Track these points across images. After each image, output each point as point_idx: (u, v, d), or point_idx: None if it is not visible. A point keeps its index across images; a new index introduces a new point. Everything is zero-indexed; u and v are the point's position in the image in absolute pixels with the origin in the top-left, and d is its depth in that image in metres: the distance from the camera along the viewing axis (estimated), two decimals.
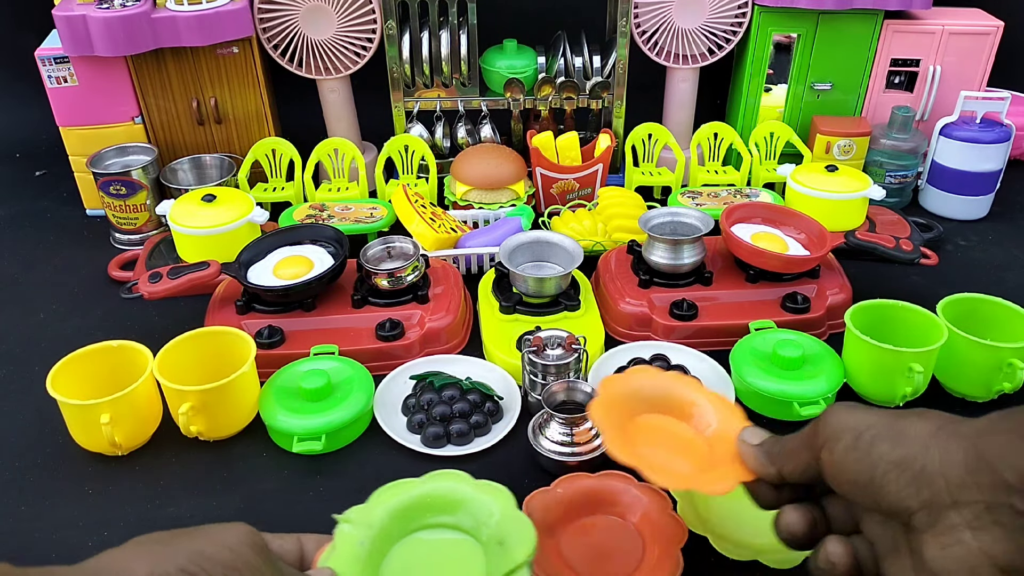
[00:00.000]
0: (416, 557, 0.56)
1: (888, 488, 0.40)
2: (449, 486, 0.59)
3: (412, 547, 0.56)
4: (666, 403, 0.64)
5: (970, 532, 0.37)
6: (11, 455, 0.79)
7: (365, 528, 0.55)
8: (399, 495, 0.58)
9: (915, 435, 0.41)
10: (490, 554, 0.55)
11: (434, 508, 0.58)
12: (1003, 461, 0.37)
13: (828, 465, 0.44)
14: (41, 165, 1.37)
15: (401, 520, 0.57)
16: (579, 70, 1.22)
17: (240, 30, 1.11)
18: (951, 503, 0.38)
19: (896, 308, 0.85)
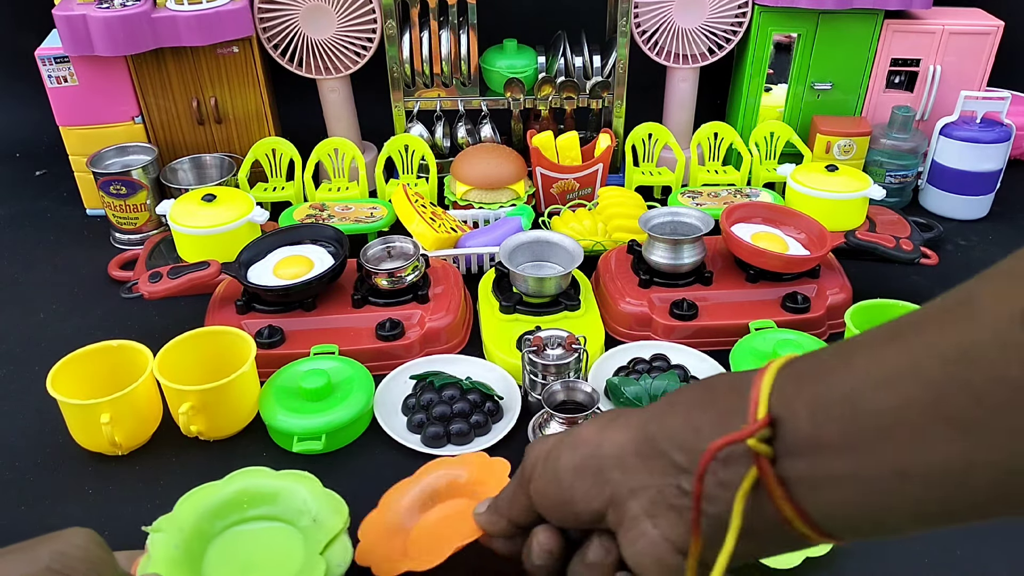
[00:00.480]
0: (234, 549, 0.60)
1: (576, 496, 0.39)
2: (255, 481, 0.63)
3: (229, 541, 0.60)
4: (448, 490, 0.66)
5: (649, 520, 0.36)
6: (11, 455, 0.79)
7: (176, 532, 0.59)
8: (206, 497, 0.61)
9: (587, 436, 0.40)
10: (307, 533, 0.60)
11: (245, 504, 0.62)
12: (669, 441, 0.36)
13: (537, 500, 0.43)
14: (41, 165, 1.37)
15: (213, 519, 0.61)
16: (579, 70, 1.22)
17: (240, 30, 1.11)
18: (628, 493, 0.37)
19: (896, 308, 0.85)
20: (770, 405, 0.33)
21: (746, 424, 0.33)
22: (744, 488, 0.33)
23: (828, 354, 0.33)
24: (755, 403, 0.33)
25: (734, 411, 0.34)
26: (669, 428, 0.37)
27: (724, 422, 0.35)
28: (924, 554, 0.68)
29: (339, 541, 0.59)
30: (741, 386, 0.35)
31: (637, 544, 0.37)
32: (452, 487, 0.70)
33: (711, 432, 0.34)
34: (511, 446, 0.79)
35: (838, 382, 0.31)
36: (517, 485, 0.45)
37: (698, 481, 0.34)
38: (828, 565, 0.66)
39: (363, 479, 0.73)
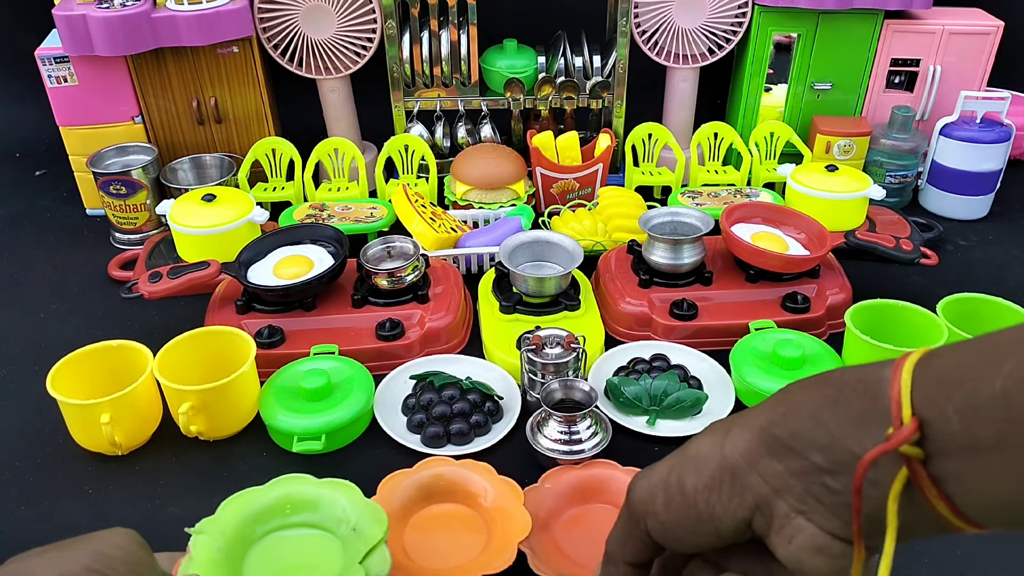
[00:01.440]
0: (274, 554, 0.60)
1: (716, 513, 0.39)
2: (297, 488, 0.63)
3: (269, 546, 0.60)
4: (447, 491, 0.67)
5: (803, 517, 0.37)
6: (11, 455, 0.79)
7: (219, 535, 0.58)
8: (249, 501, 0.61)
9: (706, 451, 0.40)
10: (346, 542, 0.59)
11: (287, 510, 0.62)
12: (802, 442, 0.36)
13: (659, 533, 0.42)
14: (41, 165, 1.37)
15: (254, 524, 0.61)
16: (579, 70, 1.22)
17: (240, 30, 1.11)
18: (773, 493, 0.37)
19: (896, 308, 0.85)
20: (914, 407, 0.33)
21: (890, 426, 0.34)
22: (896, 490, 0.34)
23: (969, 353, 0.33)
24: (897, 404, 0.33)
25: (869, 412, 0.35)
26: (797, 430, 0.37)
27: (861, 424, 0.35)
28: (924, 553, 0.68)
29: (378, 551, 0.58)
30: (873, 385, 0.35)
31: (796, 539, 0.37)
32: (447, 488, 0.71)
33: (848, 434, 0.35)
34: (511, 446, 0.79)
35: (987, 384, 0.32)
36: (627, 528, 0.44)
37: (856, 495, 0.34)
38: None
39: (363, 479, 0.73)
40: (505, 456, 0.78)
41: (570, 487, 0.72)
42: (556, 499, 0.71)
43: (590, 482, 0.72)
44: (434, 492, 0.71)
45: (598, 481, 0.72)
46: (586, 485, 0.72)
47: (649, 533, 0.42)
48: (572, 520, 0.70)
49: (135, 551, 0.43)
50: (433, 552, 0.67)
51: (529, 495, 0.70)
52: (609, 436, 0.76)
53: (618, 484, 0.72)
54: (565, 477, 0.72)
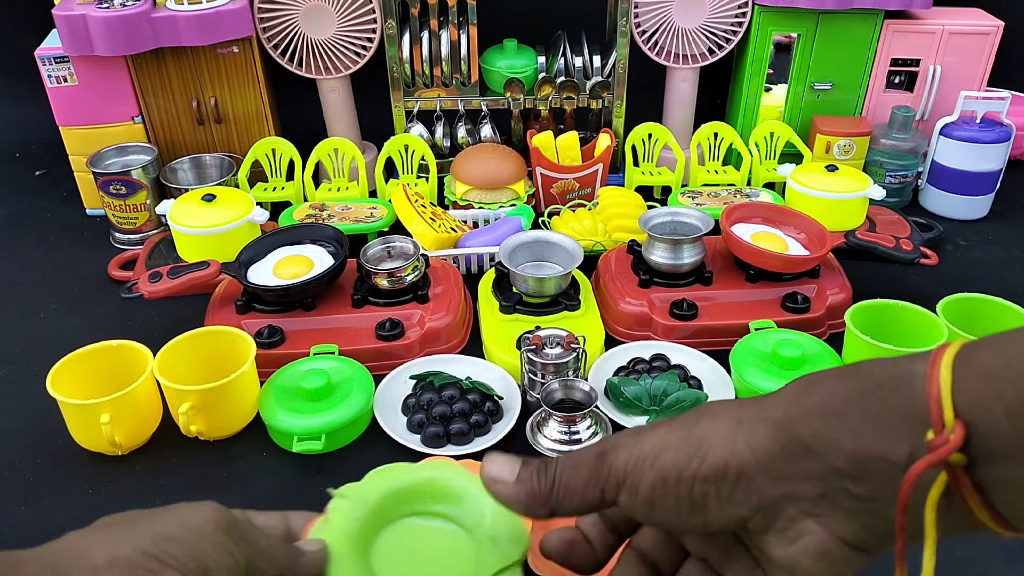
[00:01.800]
0: (408, 540, 0.55)
1: (711, 507, 0.36)
2: (447, 476, 0.58)
3: (404, 530, 0.56)
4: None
5: (812, 520, 0.34)
6: (11, 455, 0.79)
7: (360, 504, 0.54)
8: (396, 478, 0.57)
9: (717, 440, 0.36)
10: (482, 549, 0.54)
11: (430, 496, 0.57)
12: (824, 445, 0.33)
13: (634, 508, 0.38)
14: (41, 165, 1.37)
15: (396, 502, 0.56)
16: (579, 70, 1.22)
17: (240, 30, 1.11)
18: (782, 496, 0.35)
19: (896, 308, 0.85)
20: (956, 408, 0.30)
21: (928, 430, 0.31)
22: (934, 498, 0.31)
23: (1018, 348, 0.31)
24: (937, 404, 0.31)
25: (903, 413, 0.32)
26: (819, 428, 0.34)
27: (893, 426, 0.32)
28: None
29: (512, 572, 0.52)
30: (906, 381, 0.32)
31: (800, 542, 0.35)
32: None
33: (877, 437, 0.32)
34: (511, 446, 0.79)
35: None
36: (587, 482, 0.39)
37: (901, 512, 0.32)
38: None
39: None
40: None
41: None
42: None
43: None
44: None
45: None
46: None
47: (615, 502, 0.38)
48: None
49: (209, 535, 0.40)
50: None
51: None
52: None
53: None
54: None
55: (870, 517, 0.33)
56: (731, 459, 0.35)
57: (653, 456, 0.37)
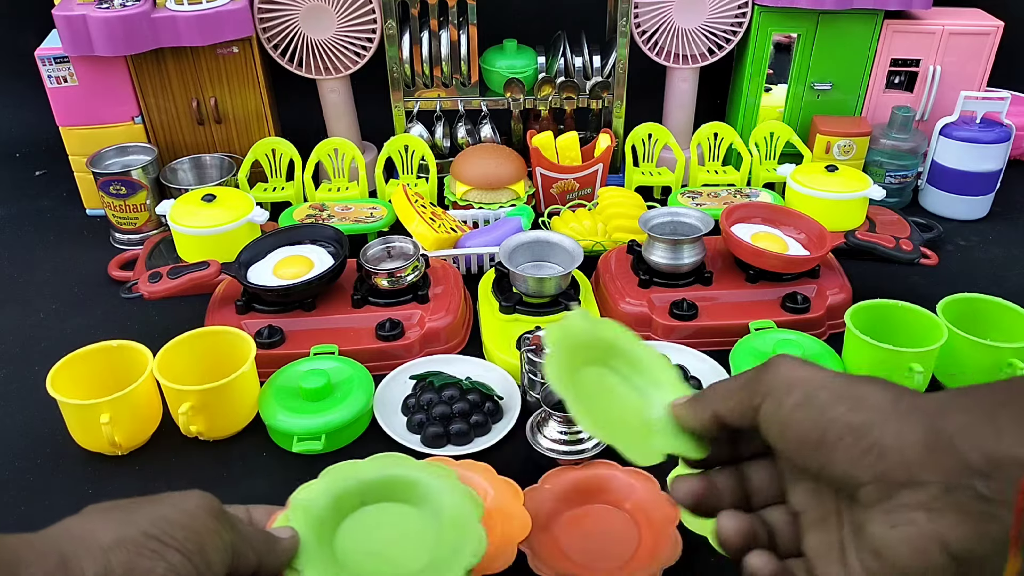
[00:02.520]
0: (369, 526, 0.58)
1: (838, 454, 0.37)
2: (402, 469, 0.62)
3: (365, 517, 0.58)
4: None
5: (925, 513, 0.35)
6: (11, 455, 0.79)
7: (322, 496, 0.57)
8: (352, 474, 0.60)
9: (875, 403, 0.37)
10: (442, 530, 0.57)
11: (389, 487, 0.60)
12: (966, 441, 0.34)
13: (771, 419, 0.40)
14: (41, 165, 1.37)
15: (356, 495, 0.59)
16: (579, 70, 1.22)
17: (240, 30, 1.11)
18: (906, 481, 0.35)
19: (896, 308, 0.85)
20: None
21: None
22: None
23: None
24: None
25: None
26: (966, 425, 0.35)
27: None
28: None
29: (473, 531, 0.56)
30: None
31: (901, 529, 0.35)
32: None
33: (1017, 440, 0.33)
34: (511, 446, 0.79)
35: None
36: (742, 387, 0.42)
37: (1018, 517, 0.33)
38: None
39: None
40: (505, 456, 0.78)
41: (570, 487, 0.72)
42: (556, 499, 0.70)
43: (590, 482, 0.72)
44: None
45: (598, 481, 0.72)
46: (586, 485, 0.72)
47: (757, 411, 0.41)
48: (572, 520, 0.70)
49: (202, 519, 0.42)
50: None
51: (529, 495, 0.70)
52: None
53: (618, 484, 0.72)
54: (565, 477, 0.72)
55: (986, 522, 0.34)
56: (878, 424, 0.36)
57: (809, 384, 0.39)
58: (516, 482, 0.71)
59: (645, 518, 0.69)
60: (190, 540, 0.40)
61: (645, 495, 0.70)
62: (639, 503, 0.70)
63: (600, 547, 0.67)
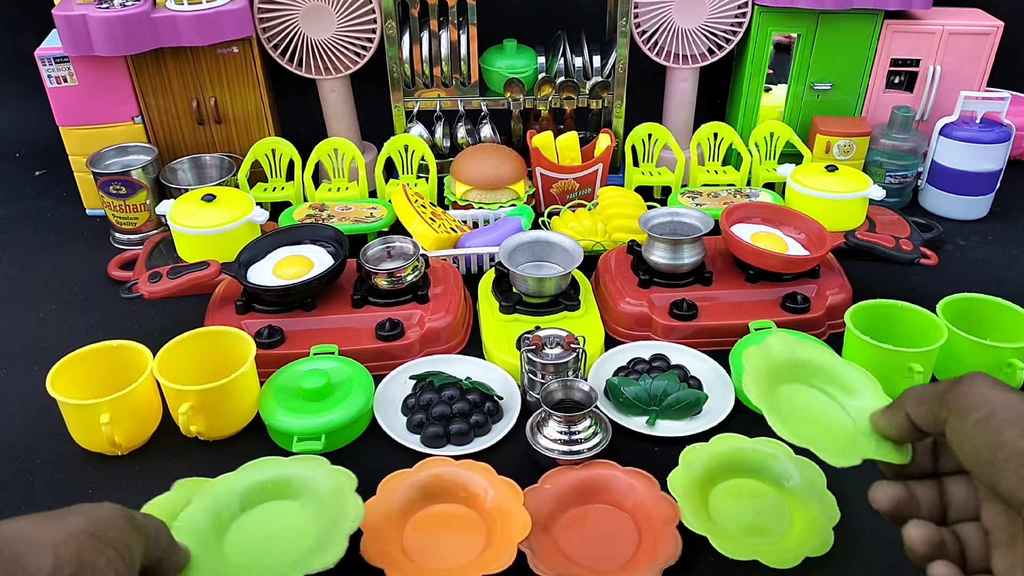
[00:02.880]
0: (257, 523, 0.65)
1: (1006, 475, 0.39)
2: (271, 472, 0.68)
3: (253, 517, 0.65)
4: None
5: None
6: (11, 455, 0.79)
7: (199, 512, 0.63)
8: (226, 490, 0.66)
9: None
10: (323, 507, 0.64)
11: (268, 494, 0.67)
12: None
13: (955, 432, 0.43)
14: (41, 165, 1.37)
15: (235, 506, 0.65)
16: (579, 70, 1.22)
17: (240, 30, 1.11)
18: None
19: (896, 308, 0.85)
20: None
21: None
22: None
23: None
24: None
25: None
26: None
27: None
28: None
29: (351, 502, 0.64)
30: None
31: None
32: (447, 488, 0.72)
33: None
34: (511, 446, 0.79)
35: None
36: (934, 396, 0.45)
37: None
38: (828, 565, 0.66)
39: (363, 479, 0.73)
40: (505, 456, 0.78)
41: (570, 487, 0.72)
42: (556, 499, 0.71)
43: (590, 482, 0.72)
44: (434, 492, 0.72)
45: (598, 481, 0.72)
46: (586, 485, 0.72)
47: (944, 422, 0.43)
48: (572, 520, 0.70)
49: (118, 522, 0.46)
50: (433, 552, 0.67)
51: (529, 495, 0.70)
52: (609, 436, 0.76)
53: (618, 484, 0.72)
54: (565, 477, 0.72)
55: None
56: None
57: (992, 406, 0.41)
58: (516, 482, 0.71)
59: (645, 518, 0.69)
60: (120, 540, 0.45)
61: (645, 495, 0.70)
62: (639, 503, 0.70)
63: (600, 547, 0.67)
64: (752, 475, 0.74)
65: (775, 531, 0.69)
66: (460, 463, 0.73)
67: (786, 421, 0.54)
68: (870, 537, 0.69)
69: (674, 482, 0.71)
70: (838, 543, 0.66)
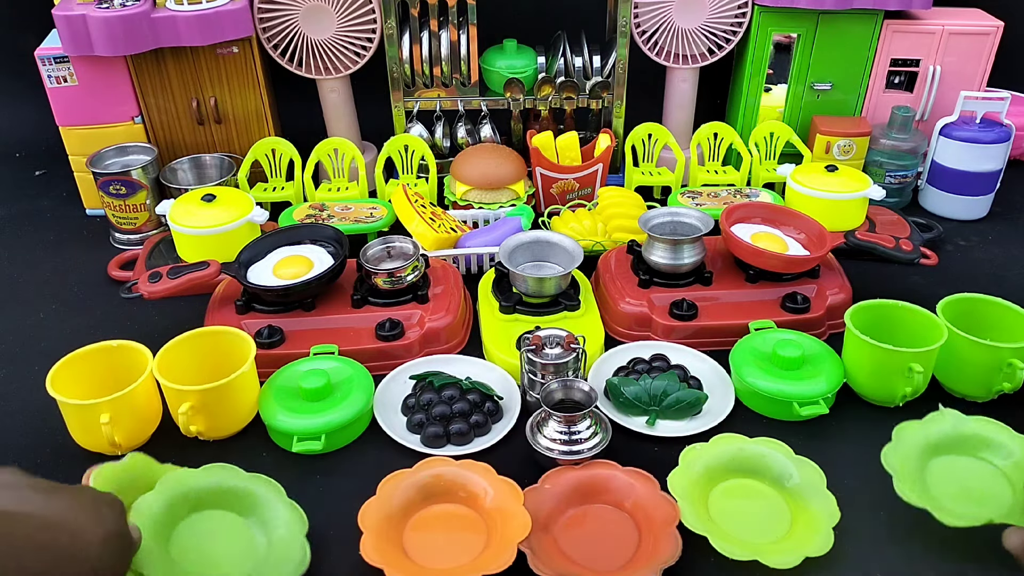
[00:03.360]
0: (206, 528, 0.65)
1: None
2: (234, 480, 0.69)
3: (203, 520, 0.66)
4: None
5: None
6: (11, 455, 0.79)
7: (156, 499, 0.64)
8: (184, 484, 0.67)
9: None
10: (271, 546, 0.65)
11: (221, 501, 0.67)
12: None
13: None
14: (41, 165, 1.37)
15: (190, 503, 0.66)
16: (579, 70, 1.22)
17: (240, 30, 1.11)
18: None
19: (896, 308, 0.85)
20: None
21: None
22: None
23: None
24: None
25: None
26: None
27: None
28: (925, 554, 0.68)
29: (298, 544, 0.65)
30: None
31: None
32: (447, 488, 0.72)
33: None
34: (511, 446, 0.79)
35: None
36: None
37: None
38: (828, 565, 0.66)
39: (363, 479, 0.73)
40: (505, 456, 0.78)
41: (570, 487, 0.72)
42: (556, 499, 0.71)
43: (590, 482, 0.72)
44: (434, 492, 0.72)
45: (598, 481, 0.72)
46: (586, 485, 0.72)
47: None
48: (572, 520, 0.70)
49: (19, 478, 0.51)
50: (433, 552, 0.67)
51: (529, 495, 0.70)
52: (609, 436, 0.76)
53: (618, 484, 0.72)
54: (565, 477, 0.72)
55: None
56: None
57: None
58: (516, 482, 0.71)
59: (645, 518, 0.69)
60: (123, 509, 0.55)
61: (645, 495, 0.70)
62: (639, 503, 0.70)
63: (600, 547, 0.67)
64: (752, 475, 0.74)
65: (775, 531, 0.69)
66: (460, 463, 0.73)
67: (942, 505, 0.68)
68: (870, 537, 0.69)
69: (674, 482, 0.71)
70: (838, 543, 0.66)
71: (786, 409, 0.81)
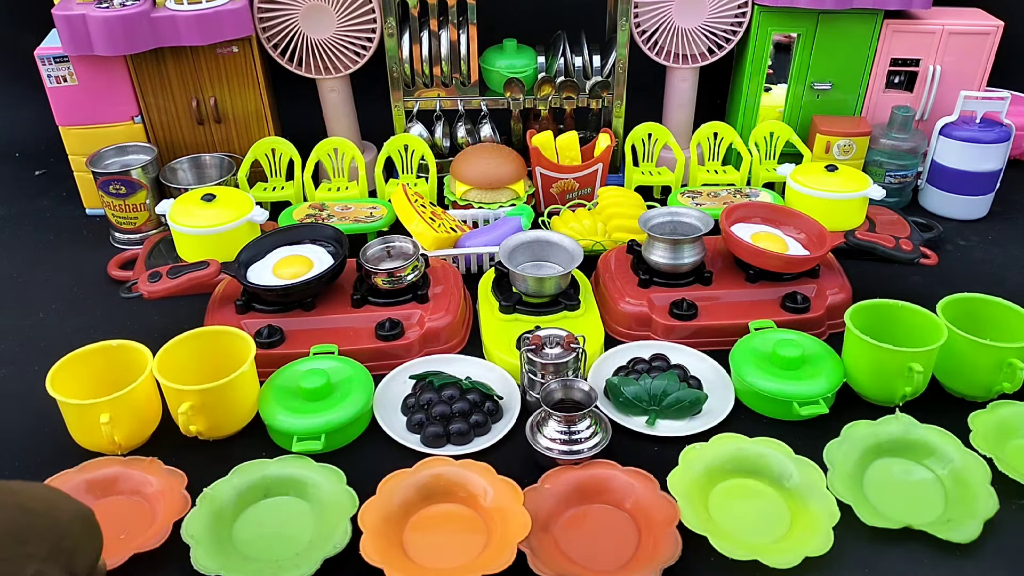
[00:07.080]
0: (273, 511, 0.72)
1: None
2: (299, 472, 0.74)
3: (272, 505, 0.72)
4: None
5: None
6: (11, 455, 0.79)
7: (227, 487, 0.72)
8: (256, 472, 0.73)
9: None
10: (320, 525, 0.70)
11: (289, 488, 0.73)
12: None
13: None
14: (41, 165, 1.37)
15: (261, 489, 0.73)
16: (579, 70, 1.22)
17: (240, 30, 1.11)
18: None
19: (896, 308, 0.85)
20: None
21: None
22: None
23: None
24: None
25: None
26: None
27: None
28: (925, 555, 0.68)
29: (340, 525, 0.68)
30: None
31: None
32: (447, 488, 0.72)
33: None
34: (511, 446, 0.79)
35: None
36: None
37: None
38: (827, 565, 0.66)
39: (363, 479, 0.73)
40: (505, 456, 0.78)
41: (570, 487, 0.72)
42: (556, 499, 0.71)
43: (590, 482, 0.72)
44: (434, 492, 0.72)
45: (598, 481, 0.72)
46: (586, 485, 0.72)
47: None
48: (572, 520, 0.70)
49: None
50: (433, 552, 0.67)
51: (529, 495, 0.70)
52: (609, 436, 0.76)
53: (618, 484, 0.72)
54: (565, 477, 0.72)
55: None
56: None
57: None
58: (516, 482, 0.71)
59: (645, 518, 0.69)
60: None
61: (645, 495, 0.70)
62: (639, 503, 0.70)
63: (600, 547, 0.67)
64: (752, 475, 0.74)
65: (775, 531, 0.69)
66: (460, 463, 0.73)
67: None
68: (870, 537, 0.69)
69: (674, 482, 0.71)
70: (838, 543, 0.66)
71: (786, 409, 0.81)
